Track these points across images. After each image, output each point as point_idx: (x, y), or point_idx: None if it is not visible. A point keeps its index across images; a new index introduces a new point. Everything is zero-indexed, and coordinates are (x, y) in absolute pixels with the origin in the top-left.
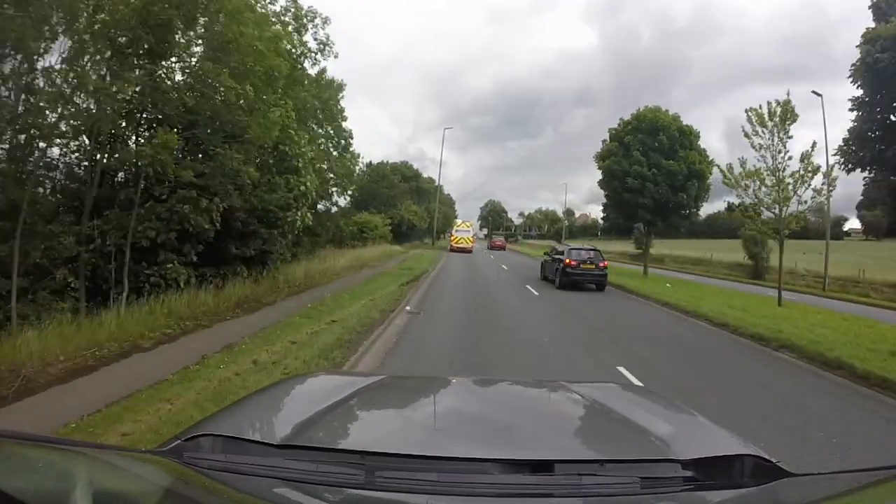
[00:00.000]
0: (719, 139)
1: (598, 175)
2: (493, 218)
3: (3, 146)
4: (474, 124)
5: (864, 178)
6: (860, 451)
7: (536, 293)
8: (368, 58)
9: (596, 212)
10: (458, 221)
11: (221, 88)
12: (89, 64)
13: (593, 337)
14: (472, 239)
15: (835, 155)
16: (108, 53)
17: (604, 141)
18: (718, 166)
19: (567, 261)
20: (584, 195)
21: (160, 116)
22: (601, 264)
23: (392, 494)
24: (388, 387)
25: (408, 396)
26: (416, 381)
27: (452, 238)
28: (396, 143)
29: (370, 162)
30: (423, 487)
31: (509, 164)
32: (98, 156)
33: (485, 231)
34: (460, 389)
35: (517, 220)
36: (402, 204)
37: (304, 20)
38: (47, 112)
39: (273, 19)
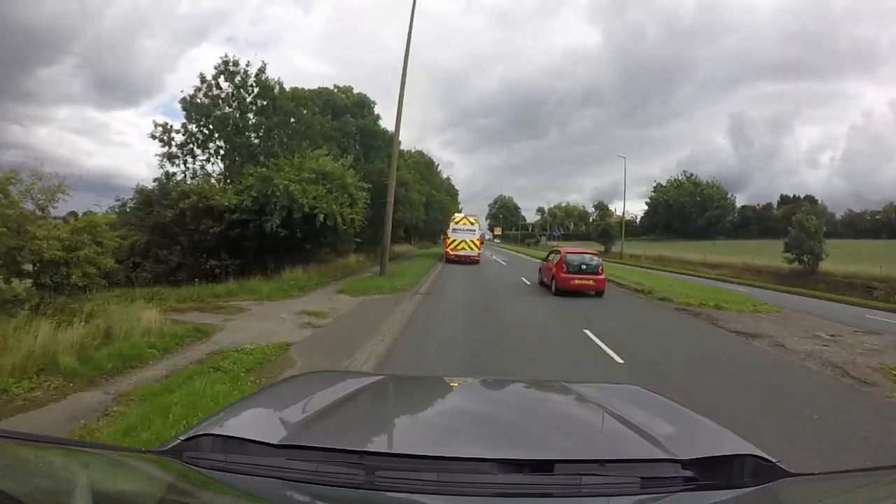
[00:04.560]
0: (724, 136)
1: (605, 175)
2: (503, 216)
3: None
4: (481, 125)
5: None
6: None
7: None
8: (377, 60)
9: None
10: (458, 216)
11: None
12: None
13: None
14: (478, 242)
15: None
16: None
17: None
18: None
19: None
20: (588, 194)
21: None
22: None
23: (392, 494)
24: (388, 387)
25: (408, 396)
26: (415, 381)
27: (448, 241)
28: (403, 145)
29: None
30: (423, 487)
31: (516, 164)
32: None
33: (497, 231)
34: (460, 389)
35: (530, 218)
36: (298, 160)
37: None
38: None
39: None
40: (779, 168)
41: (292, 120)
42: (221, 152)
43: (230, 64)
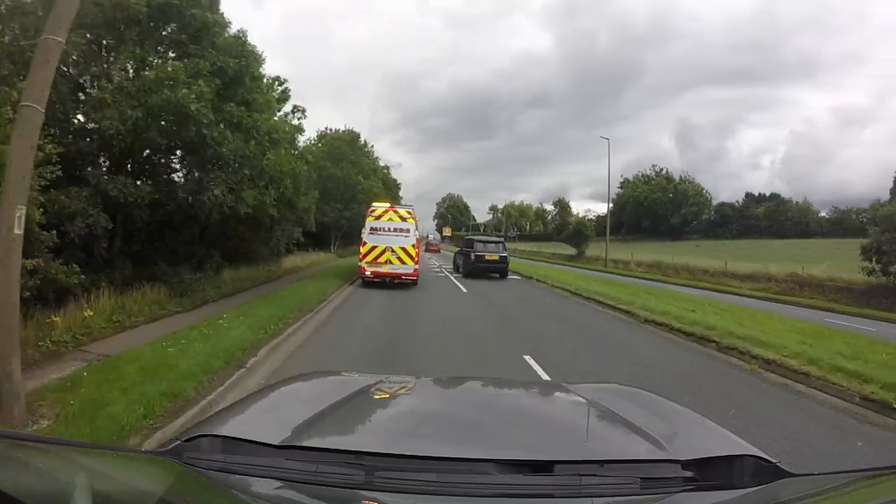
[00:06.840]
0: (669, 140)
1: (554, 175)
2: (452, 215)
3: None
4: (430, 126)
5: None
6: None
7: None
8: (326, 61)
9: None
10: (379, 206)
11: None
12: None
13: None
14: (413, 249)
15: None
16: None
17: None
18: None
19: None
20: (537, 194)
21: None
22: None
23: (391, 495)
24: (388, 387)
25: (407, 397)
26: (415, 382)
27: (364, 250)
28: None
29: None
30: (423, 488)
31: (465, 165)
32: None
33: (447, 232)
34: (460, 390)
35: (480, 218)
36: None
37: None
38: None
39: None
40: (722, 171)
41: None
42: None
43: None
